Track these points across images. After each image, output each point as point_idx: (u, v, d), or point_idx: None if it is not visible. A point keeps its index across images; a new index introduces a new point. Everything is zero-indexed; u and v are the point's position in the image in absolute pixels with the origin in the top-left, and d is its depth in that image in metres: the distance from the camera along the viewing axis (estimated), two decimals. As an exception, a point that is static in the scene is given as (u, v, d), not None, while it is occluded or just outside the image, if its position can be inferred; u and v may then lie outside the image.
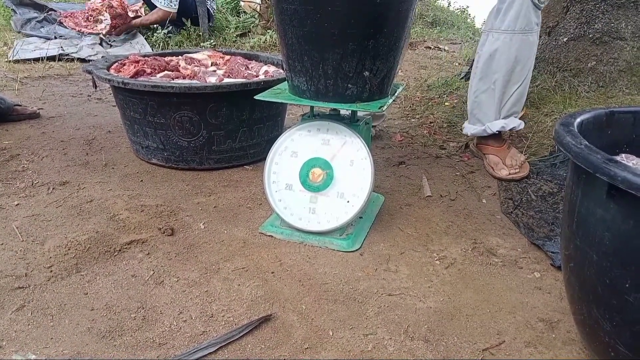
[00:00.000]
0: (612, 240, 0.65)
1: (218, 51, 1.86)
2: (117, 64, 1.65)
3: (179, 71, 1.64)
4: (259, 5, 4.20)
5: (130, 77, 1.51)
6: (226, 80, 1.59)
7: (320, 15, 0.99)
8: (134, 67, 1.57)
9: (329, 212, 1.15)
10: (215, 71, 1.68)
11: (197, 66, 1.69)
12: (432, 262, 1.12)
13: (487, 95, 1.51)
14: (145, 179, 1.50)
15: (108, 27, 3.42)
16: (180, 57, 1.77)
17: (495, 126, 1.54)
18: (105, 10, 3.45)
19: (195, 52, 1.84)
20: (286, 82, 1.21)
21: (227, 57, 1.81)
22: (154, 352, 0.83)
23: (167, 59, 1.75)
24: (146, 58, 1.66)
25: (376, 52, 1.04)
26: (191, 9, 3.65)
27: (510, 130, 1.56)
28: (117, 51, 3.25)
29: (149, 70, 1.59)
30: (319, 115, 1.21)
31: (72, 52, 3.15)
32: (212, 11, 3.82)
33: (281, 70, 1.70)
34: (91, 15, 3.51)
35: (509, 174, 1.53)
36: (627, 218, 0.62)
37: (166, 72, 1.61)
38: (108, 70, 1.57)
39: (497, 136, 1.60)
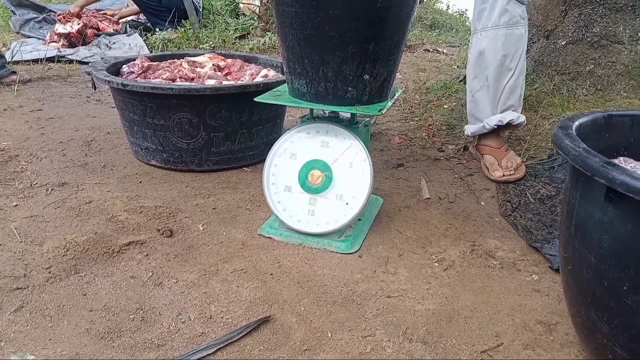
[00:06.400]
0: (610, 243, 0.65)
1: (218, 54, 1.86)
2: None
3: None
4: (258, 8, 4.20)
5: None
6: (225, 82, 1.59)
7: (320, 19, 0.99)
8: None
9: (327, 214, 1.15)
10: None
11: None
12: (430, 264, 1.12)
13: (481, 93, 1.56)
14: (144, 180, 1.50)
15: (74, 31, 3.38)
16: (181, 59, 1.78)
17: (492, 121, 1.56)
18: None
19: (196, 55, 1.84)
20: (286, 84, 1.21)
21: (229, 59, 1.81)
22: (152, 354, 0.83)
23: (169, 61, 1.75)
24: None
25: (376, 55, 1.04)
26: (177, 3, 3.78)
27: (508, 123, 1.57)
28: (115, 53, 3.25)
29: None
30: (318, 117, 1.22)
31: (69, 54, 3.15)
32: (198, 6, 3.90)
33: (280, 75, 1.70)
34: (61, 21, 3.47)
35: (503, 175, 1.54)
36: (625, 221, 0.63)
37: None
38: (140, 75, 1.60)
39: (496, 137, 1.61)
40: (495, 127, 1.57)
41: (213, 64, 1.74)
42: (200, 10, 4.00)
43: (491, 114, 1.56)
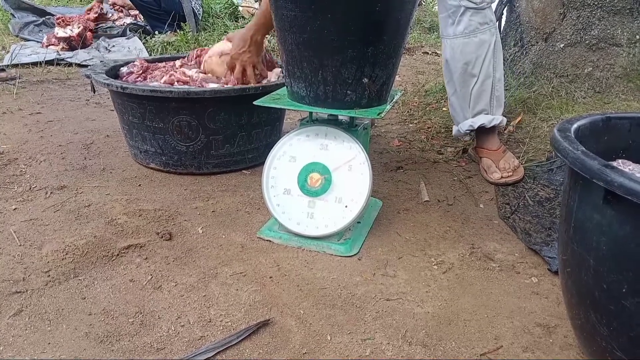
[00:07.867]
0: (609, 246, 0.65)
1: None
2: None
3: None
4: (257, 11, 4.21)
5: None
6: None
7: (319, 22, 1.00)
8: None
9: (327, 216, 1.15)
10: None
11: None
12: (430, 266, 1.12)
13: (454, 98, 1.60)
14: (144, 183, 1.50)
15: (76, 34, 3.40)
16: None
17: (464, 126, 1.61)
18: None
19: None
20: (285, 87, 1.21)
21: None
22: (152, 357, 0.83)
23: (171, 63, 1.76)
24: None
25: (375, 59, 1.05)
26: (177, 7, 3.81)
27: (481, 127, 1.58)
28: (115, 56, 3.25)
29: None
30: (318, 120, 1.22)
31: (68, 57, 3.15)
32: (196, 11, 3.93)
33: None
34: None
35: (502, 177, 1.55)
36: (623, 223, 0.63)
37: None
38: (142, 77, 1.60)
39: (493, 139, 1.62)
40: (468, 132, 1.62)
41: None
42: (200, 16, 4.02)
43: (464, 118, 1.60)
